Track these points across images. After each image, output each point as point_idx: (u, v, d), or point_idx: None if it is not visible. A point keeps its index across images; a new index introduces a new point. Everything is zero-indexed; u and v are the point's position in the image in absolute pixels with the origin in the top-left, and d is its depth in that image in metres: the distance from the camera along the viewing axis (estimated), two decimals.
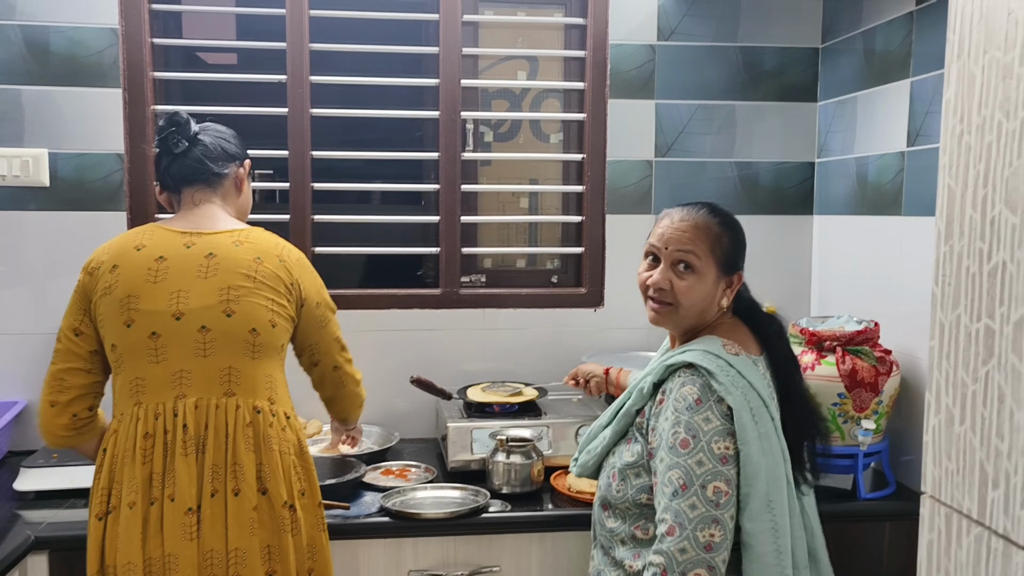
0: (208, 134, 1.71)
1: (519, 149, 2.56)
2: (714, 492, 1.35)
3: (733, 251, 1.51)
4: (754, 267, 2.49)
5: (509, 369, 2.44)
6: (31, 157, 2.20)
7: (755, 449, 1.37)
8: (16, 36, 2.19)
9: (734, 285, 1.53)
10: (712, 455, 1.36)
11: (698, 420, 1.38)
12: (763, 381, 1.45)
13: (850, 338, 1.95)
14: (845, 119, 2.35)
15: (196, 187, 1.68)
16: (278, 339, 1.61)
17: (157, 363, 1.54)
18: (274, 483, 1.54)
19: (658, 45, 2.43)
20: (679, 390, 1.41)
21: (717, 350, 1.44)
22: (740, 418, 1.38)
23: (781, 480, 1.40)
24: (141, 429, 1.52)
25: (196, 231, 1.63)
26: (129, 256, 1.59)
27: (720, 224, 1.51)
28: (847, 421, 1.94)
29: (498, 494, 1.93)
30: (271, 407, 1.58)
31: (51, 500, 1.89)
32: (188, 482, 1.50)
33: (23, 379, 2.26)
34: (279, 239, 1.70)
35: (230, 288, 1.57)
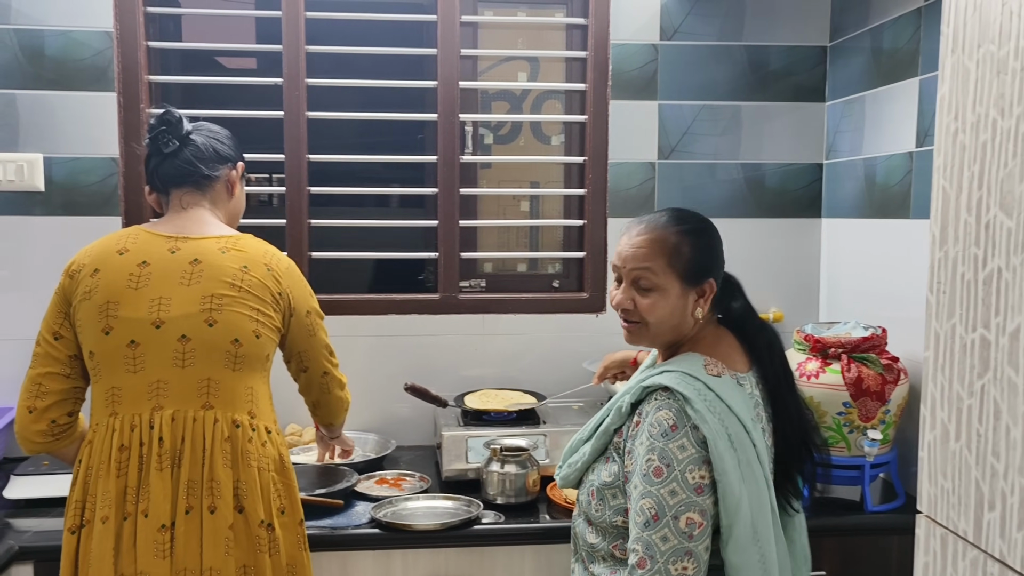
0: (201, 134, 1.65)
1: (520, 152, 2.52)
2: (687, 524, 1.28)
3: (697, 259, 1.40)
4: (761, 271, 2.47)
5: (509, 375, 2.40)
6: (26, 162, 2.19)
7: (734, 479, 1.29)
8: (11, 40, 2.18)
9: (706, 294, 1.42)
10: (686, 485, 1.28)
11: (672, 448, 1.29)
12: (748, 403, 1.36)
13: (856, 345, 1.88)
14: (853, 119, 2.28)
15: (185, 189, 1.62)
16: (262, 350, 1.56)
17: (134, 372, 1.50)
18: (251, 501, 1.49)
19: (661, 45, 2.37)
20: (654, 415, 1.33)
21: (696, 371, 1.35)
22: (716, 447, 1.28)
23: (766, 508, 1.33)
24: (116, 441, 1.48)
25: (182, 236, 1.58)
26: (111, 260, 1.55)
27: (680, 233, 1.40)
28: (853, 431, 1.87)
29: (492, 504, 1.89)
30: (251, 421, 1.53)
31: (40, 508, 1.87)
32: (163, 498, 1.45)
33: (18, 384, 2.24)
34: (268, 247, 1.64)
35: (213, 296, 1.52)
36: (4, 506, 1.89)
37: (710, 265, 1.42)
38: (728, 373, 1.37)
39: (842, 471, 1.90)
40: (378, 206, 2.68)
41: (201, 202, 1.64)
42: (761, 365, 1.43)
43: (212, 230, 1.61)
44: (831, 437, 1.88)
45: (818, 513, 1.89)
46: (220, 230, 1.63)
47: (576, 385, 2.10)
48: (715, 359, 1.38)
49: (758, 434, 1.35)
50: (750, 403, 1.37)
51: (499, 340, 2.41)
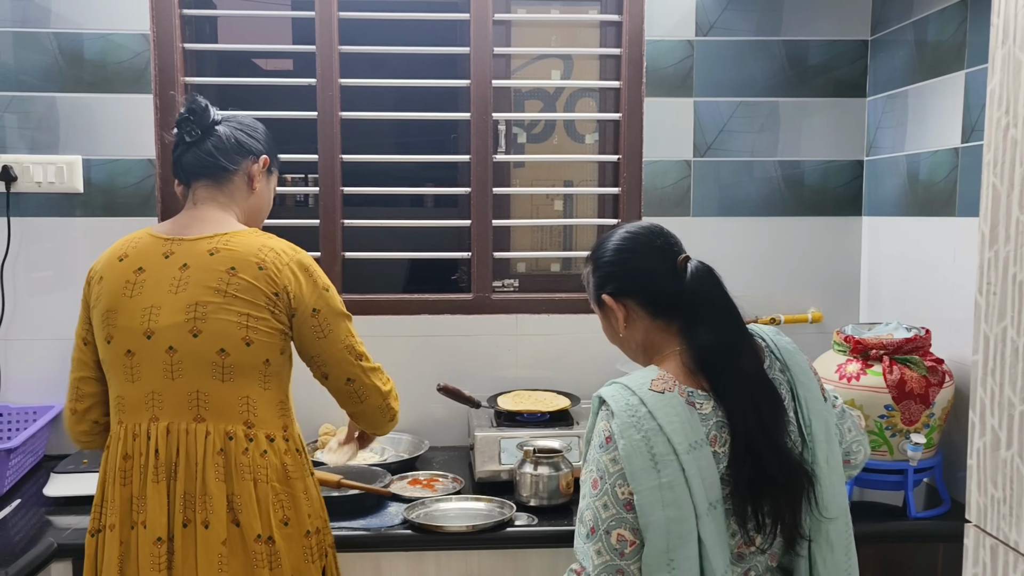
0: (227, 125, 1.58)
1: (553, 150, 2.50)
2: (618, 540, 1.23)
3: (594, 283, 1.43)
4: (800, 271, 2.43)
5: (543, 376, 2.38)
6: (65, 164, 2.22)
7: (651, 499, 1.21)
8: (52, 44, 2.21)
9: (617, 313, 1.38)
10: (616, 499, 1.24)
11: (606, 460, 1.25)
12: (694, 425, 1.25)
13: (898, 346, 1.84)
14: (896, 115, 2.22)
15: (202, 181, 1.56)
16: (255, 357, 1.46)
17: (132, 382, 1.48)
18: (247, 515, 1.43)
19: (697, 41, 2.34)
20: (598, 425, 1.30)
21: (640, 384, 1.28)
22: (631, 463, 1.22)
23: (687, 537, 1.21)
24: (121, 449, 1.47)
25: (178, 237, 1.51)
26: (113, 267, 1.52)
27: (586, 261, 1.47)
28: (895, 435, 1.83)
29: (525, 506, 1.87)
30: (248, 431, 1.46)
31: (79, 506, 1.88)
32: (158, 510, 1.43)
33: (61, 384, 2.27)
34: (267, 242, 1.51)
35: (197, 304, 1.44)
36: (44, 503, 1.92)
37: (604, 284, 1.40)
38: (679, 389, 1.27)
39: (884, 476, 1.86)
40: (414, 206, 2.69)
41: (216, 196, 1.56)
42: (713, 379, 1.29)
43: (212, 228, 1.52)
44: (873, 441, 1.84)
45: (858, 518, 1.84)
46: (220, 228, 1.52)
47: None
48: (670, 375, 1.30)
49: (695, 458, 1.23)
50: (699, 425, 1.25)
51: (532, 340, 2.39)
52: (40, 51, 2.20)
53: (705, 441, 1.25)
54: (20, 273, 2.26)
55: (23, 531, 1.77)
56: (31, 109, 2.22)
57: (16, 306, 2.26)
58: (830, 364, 1.91)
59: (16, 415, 2.20)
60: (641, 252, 1.40)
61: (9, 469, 1.95)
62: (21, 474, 2.05)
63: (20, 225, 2.24)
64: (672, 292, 1.34)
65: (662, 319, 1.36)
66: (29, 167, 2.21)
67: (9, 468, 1.94)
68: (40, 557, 1.65)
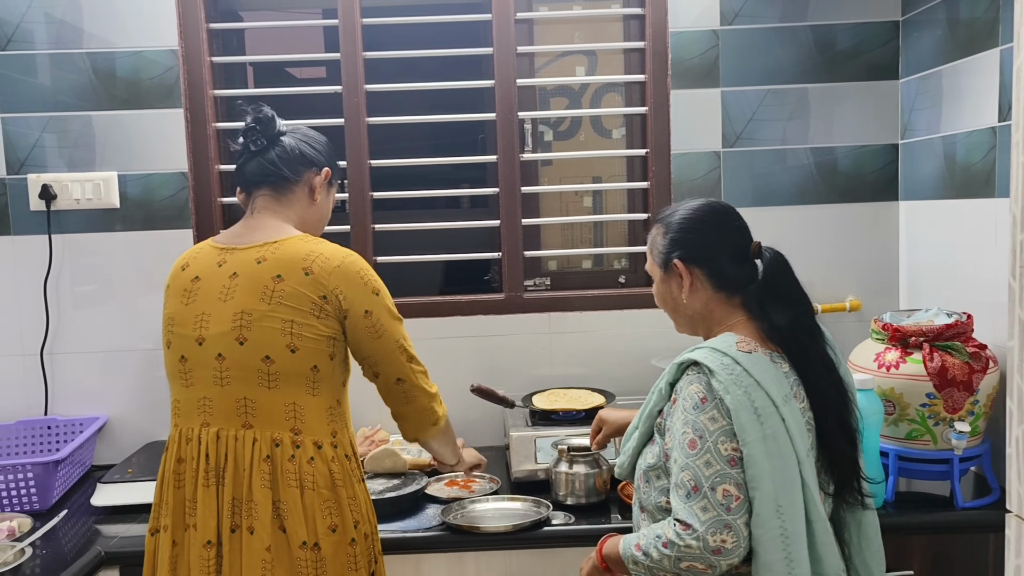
0: (292, 136, 1.62)
1: (580, 147, 2.49)
2: (724, 495, 1.30)
3: (664, 246, 1.49)
4: (836, 259, 2.38)
5: (577, 374, 2.37)
6: (102, 180, 2.27)
7: (758, 451, 1.30)
8: (85, 64, 2.26)
9: (683, 279, 1.46)
10: (719, 456, 1.31)
11: (704, 420, 1.33)
12: (781, 380, 1.37)
13: (939, 333, 1.79)
14: (930, 96, 2.17)
15: (263, 190, 1.59)
16: (302, 364, 1.48)
17: (187, 387, 1.52)
18: (292, 521, 1.45)
19: (722, 30, 2.31)
20: (687, 388, 1.37)
21: (726, 347, 1.37)
22: (739, 418, 1.31)
23: (793, 483, 1.32)
24: (176, 452, 1.51)
25: (232, 247, 1.55)
26: (177, 276, 1.59)
27: (656, 224, 1.53)
28: (938, 423, 1.78)
29: (562, 505, 1.87)
30: (295, 438, 1.48)
31: (125, 515, 1.93)
32: (208, 514, 1.46)
33: (106, 395, 2.34)
34: (316, 248, 1.52)
35: (243, 313, 1.47)
36: (92, 512, 1.96)
37: (677, 247, 1.47)
38: (762, 351, 1.39)
39: (929, 465, 1.82)
40: (451, 207, 2.70)
41: (274, 206, 1.59)
42: (788, 354, 1.41)
43: (265, 236, 1.54)
44: (915, 430, 1.80)
45: (904, 509, 1.82)
46: (272, 236, 1.54)
47: (645, 382, 2.06)
48: (749, 338, 1.40)
49: (790, 410, 1.35)
50: (784, 380, 1.38)
51: (566, 338, 2.38)
52: (75, 71, 2.26)
53: (791, 395, 1.37)
54: (64, 288, 2.31)
55: (72, 540, 1.82)
56: (68, 128, 2.27)
57: (60, 320, 2.31)
58: (868, 353, 1.87)
59: (63, 427, 2.26)
60: (721, 227, 1.49)
61: (57, 480, 1.99)
62: (69, 484, 2.10)
63: (61, 241, 2.29)
64: (740, 272, 1.45)
65: (725, 292, 1.46)
66: (68, 185, 2.27)
67: (57, 479, 1.99)
68: (88, 565, 1.69)
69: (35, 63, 2.25)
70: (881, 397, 1.79)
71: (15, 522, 1.82)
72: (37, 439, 2.24)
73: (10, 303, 2.30)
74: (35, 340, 2.29)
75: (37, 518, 1.89)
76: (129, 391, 2.33)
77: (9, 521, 1.82)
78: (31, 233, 2.28)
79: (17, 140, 2.26)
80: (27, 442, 2.24)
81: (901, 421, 1.81)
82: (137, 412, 2.33)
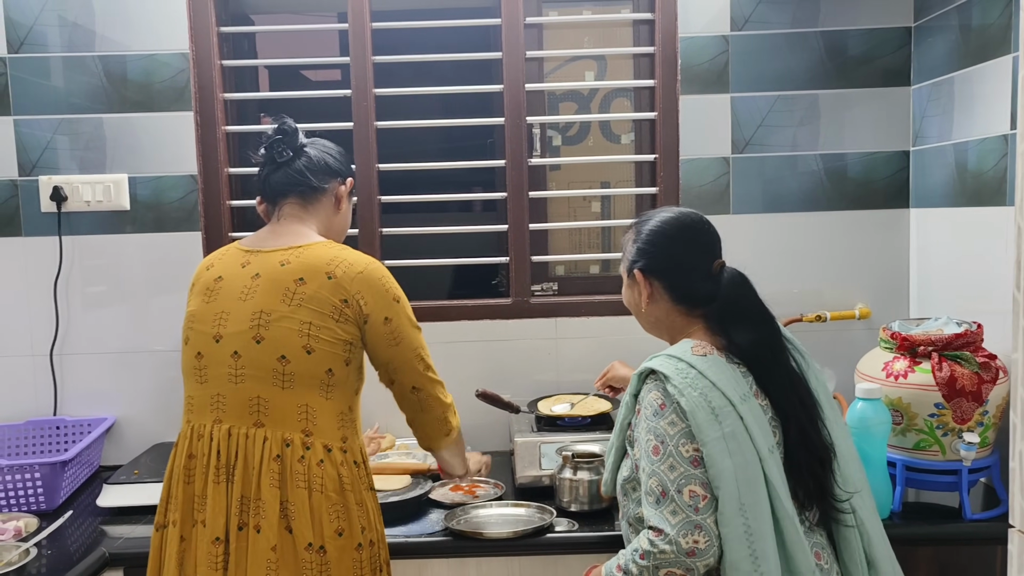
0: (315, 147, 1.66)
1: (589, 152, 2.48)
2: (690, 496, 1.32)
3: (632, 253, 1.53)
4: (845, 266, 2.36)
5: (584, 380, 2.36)
6: (112, 182, 2.29)
7: (717, 450, 1.32)
8: (97, 67, 2.27)
9: (640, 286, 1.51)
10: (681, 458, 1.33)
11: (663, 425, 1.36)
12: (739, 380, 1.40)
13: (948, 342, 1.77)
14: (941, 103, 2.15)
15: (289, 199, 1.62)
16: (316, 366, 1.49)
17: (201, 384, 1.54)
18: (299, 523, 1.45)
19: (732, 36, 2.29)
20: (647, 397, 1.40)
21: (682, 353, 1.41)
22: (695, 418, 1.33)
23: (755, 481, 1.33)
24: (187, 448, 1.53)
25: (256, 249, 1.58)
26: (201, 276, 1.63)
27: (631, 227, 1.57)
28: (947, 434, 1.76)
29: (566, 512, 1.86)
30: (305, 439, 1.49)
31: (131, 516, 1.94)
32: (217, 511, 1.47)
33: (115, 396, 2.35)
34: (339, 253, 1.55)
35: (262, 313, 1.50)
36: (98, 513, 1.97)
37: (640, 257, 1.51)
38: (717, 354, 1.41)
39: (937, 476, 1.80)
40: (463, 211, 2.70)
41: (300, 214, 1.63)
42: (750, 366, 1.43)
43: (287, 241, 1.57)
44: (923, 440, 1.78)
45: (912, 520, 1.80)
46: (297, 241, 1.57)
47: None
48: (705, 342, 1.43)
49: (749, 408, 1.37)
50: (742, 380, 1.40)
51: (572, 344, 2.38)
52: (86, 73, 2.27)
53: (750, 394, 1.39)
54: (74, 290, 2.33)
55: (77, 541, 1.82)
56: (80, 130, 2.29)
57: (70, 322, 2.33)
58: (876, 362, 1.85)
59: (71, 427, 2.27)
60: (684, 242, 1.50)
61: (64, 481, 2.01)
62: (77, 485, 2.12)
63: (72, 243, 2.31)
64: (701, 289, 1.48)
65: (684, 305, 1.49)
66: (78, 187, 2.28)
67: (64, 480, 2.00)
68: (92, 566, 1.70)
69: (48, 66, 2.27)
70: (889, 406, 1.78)
71: (21, 522, 1.84)
72: (46, 439, 2.26)
73: (21, 304, 2.32)
74: (45, 341, 2.31)
75: (44, 518, 1.90)
76: (137, 392, 2.34)
77: (16, 521, 1.83)
78: (42, 234, 2.30)
79: (29, 142, 2.28)
80: (36, 442, 2.25)
81: (909, 431, 1.79)
82: (145, 413, 2.34)
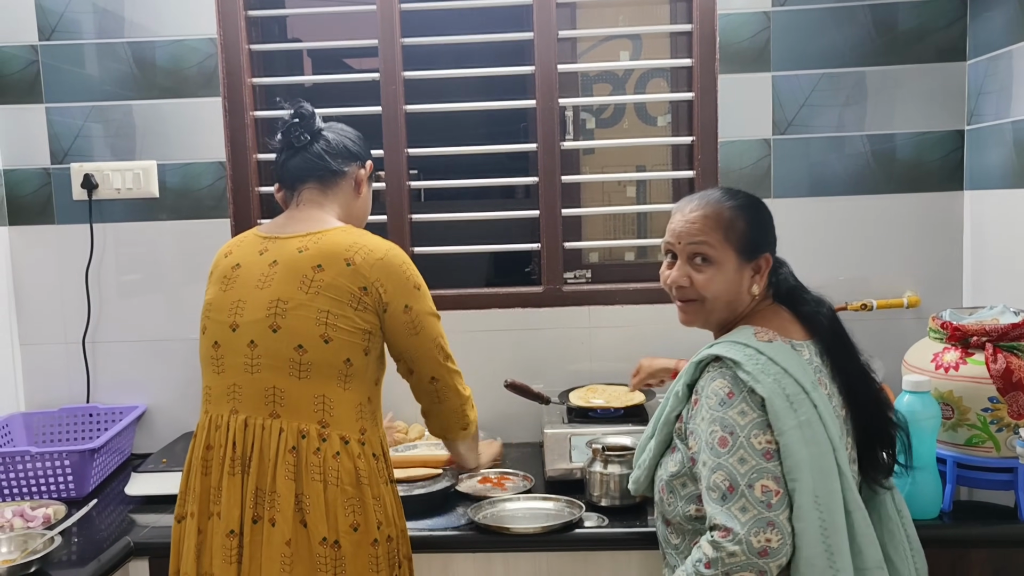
0: (333, 131, 1.63)
1: (624, 134, 2.40)
2: (763, 491, 1.23)
3: (751, 234, 1.41)
4: (894, 252, 2.25)
5: (618, 370, 2.29)
6: (141, 170, 2.28)
7: (794, 439, 1.24)
8: (126, 53, 2.26)
9: (762, 270, 1.42)
10: (753, 451, 1.25)
11: (732, 415, 1.27)
12: (805, 367, 1.33)
13: (1004, 332, 1.66)
14: (999, 78, 2.03)
15: (308, 184, 1.59)
16: (335, 355, 1.45)
17: (218, 373, 1.51)
18: (314, 516, 1.42)
19: (773, 11, 2.19)
20: (710, 386, 1.31)
21: (746, 339, 1.34)
22: (773, 406, 1.25)
23: (830, 472, 1.26)
24: (205, 439, 1.50)
25: (275, 236, 1.55)
26: (219, 263, 1.59)
27: (733, 208, 1.42)
28: (1002, 429, 1.66)
29: (595, 507, 1.80)
30: (321, 431, 1.44)
31: (159, 505, 1.92)
32: (232, 503, 1.44)
33: (147, 384, 2.35)
34: (359, 239, 1.51)
35: (279, 301, 1.46)
36: (126, 502, 1.96)
37: (764, 240, 1.43)
38: (781, 339, 1.35)
39: (990, 474, 1.69)
40: (497, 197, 2.65)
41: (320, 199, 1.59)
42: (820, 336, 1.40)
43: (306, 227, 1.53)
44: (976, 436, 1.68)
45: (963, 520, 1.70)
46: (316, 227, 1.53)
47: None
48: (766, 328, 1.37)
49: (819, 395, 1.31)
50: (808, 367, 1.34)
51: (606, 333, 2.31)
52: (116, 59, 2.26)
53: (816, 382, 1.32)
54: (105, 277, 2.33)
55: (105, 530, 1.82)
56: (110, 117, 2.28)
57: (102, 309, 2.33)
58: (925, 353, 1.75)
59: (104, 415, 2.27)
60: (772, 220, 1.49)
61: (94, 468, 2.01)
62: (107, 472, 2.12)
63: (103, 231, 2.31)
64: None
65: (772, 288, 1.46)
66: (109, 174, 2.28)
67: (93, 467, 2.00)
68: (118, 556, 1.69)
69: (79, 53, 2.26)
70: (938, 400, 1.68)
71: (51, 509, 1.83)
72: (78, 426, 2.27)
73: (54, 292, 2.33)
74: (78, 328, 2.32)
75: (73, 505, 1.90)
76: (169, 380, 2.34)
77: (45, 508, 1.83)
78: (74, 222, 2.30)
79: (61, 130, 2.28)
80: (69, 429, 2.26)
81: (960, 426, 1.69)
82: (176, 401, 2.33)
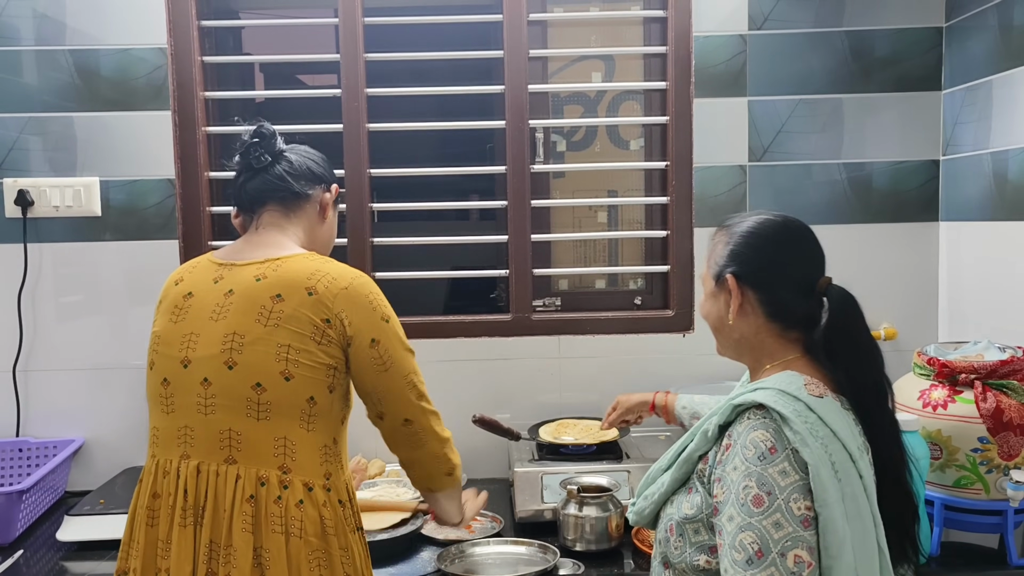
0: (295, 152, 1.52)
1: (595, 158, 2.33)
2: (795, 562, 1.10)
3: (723, 256, 1.29)
4: (869, 283, 2.20)
5: (589, 402, 2.20)
6: (82, 186, 2.12)
7: (838, 513, 1.12)
8: (67, 61, 2.12)
9: (732, 298, 1.26)
10: (792, 517, 1.11)
11: (773, 473, 1.13)
12: (852, 430, 1.20)
13: (992, 370, 1.62)
14: (977, 108, 2.00)
15: (269, 206, 1.47)
16: (295, 394, 1.32)
17: (167, 414, 1.37)
18: (275, 572, 1.28)
19: (750, 35, 2.15)
20: (748, 435, 1.16)
21: (796, 390, 1.19)
22: (818, 475, 1.12)
23: (872, 551, 1.15)
24: (151, 487, 1.35)
25: (231, 262, 1.41)
26: (169, 291, 1.45)
27: (721, 229, 1.33)
28: (991, 471, 1.61)
29: (570, 551, 1.70)
30: (283, 477, 1.31)
31: (95, 551, 1.76)
32: (183, 558, 1.29)
33: (85, 415, 2.18)
34: (322, 266, 1.38)
35: (235, 334, 1.32)
36: (58, 548, 1.80)
37: (736, 265, 1.27)
38: (831, 395, 1.21)
39: (979, 516, 1.64)
40: (461, 219, 2.55)
41: (281, 222, 1.47)
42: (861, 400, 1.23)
43: (264, 253, 1.40)
44: (964, 477, 1.62)
45: (951, 565, 1.65)
46: (274, 253, 1.40)
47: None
48: (816, 380, 1.22)
49: (865, 465, 1.19)
50: (856, 430, 1.21)
51: (576, 363, 2.22)
52: (56, 68, 2.11)
53: (863, 448, 1.21)
54: (41, 301, 2.16)
55: None
56: (50, 129, 2.13)
57: (36, 335, 2.16)
58: (912, 390, 1.70)
59: (35, 450, 2.10)
60: (791, 250, 1.28)
61: (21, 512, 1.84)
62: (37, 514, 1.95)
63: (39, 251, 2.14)
64: (800, 307, 1.25)
65: (778, 323, 1.27)
66: (46, 191, 2.12)
67: (21, 511, 1.83)
68: None
69: (15, 60, 2.11)
70: (927, 439, 1.62)
71: None
72: (6, 463, 2.09)
73: None
74: (8, 355, 2.14)
75: None
76: (110, 411, 2.18)
77: None
78: (6, 242, 2.13)
79: None
80: None
81: (949, 467, 1.63)
82: (117, 434, 2.17)
